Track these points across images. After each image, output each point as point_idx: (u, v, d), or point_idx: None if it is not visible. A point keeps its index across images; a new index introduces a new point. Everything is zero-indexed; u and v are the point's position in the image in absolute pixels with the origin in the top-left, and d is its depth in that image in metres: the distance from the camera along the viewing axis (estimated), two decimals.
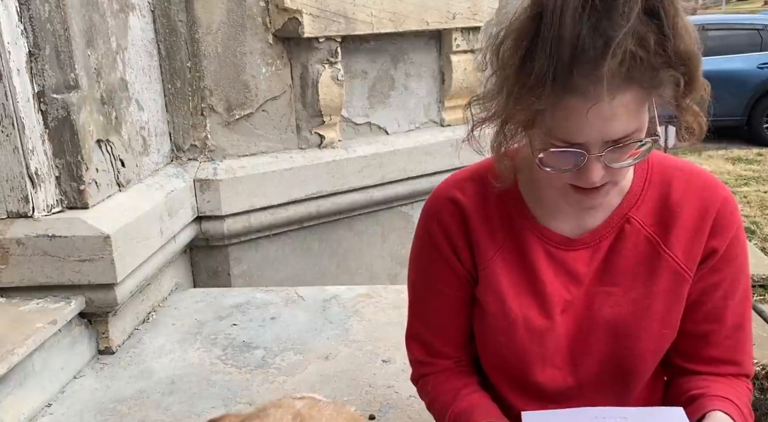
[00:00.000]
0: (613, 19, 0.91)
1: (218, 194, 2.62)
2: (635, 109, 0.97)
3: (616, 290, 1.16)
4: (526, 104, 0.98)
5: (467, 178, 1.23)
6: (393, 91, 3.13)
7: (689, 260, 1.14)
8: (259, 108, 2.73)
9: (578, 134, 0.98)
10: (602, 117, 0.95)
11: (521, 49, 0.98)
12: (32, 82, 1.94)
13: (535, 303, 1.17)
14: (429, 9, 3.01)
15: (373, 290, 2.62)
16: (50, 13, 1.93)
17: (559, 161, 1.03)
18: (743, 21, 10.69)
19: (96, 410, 1.87)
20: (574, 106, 0.95)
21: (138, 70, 2.41)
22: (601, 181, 1.03)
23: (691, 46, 0.96)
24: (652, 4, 0.92)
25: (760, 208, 6.11)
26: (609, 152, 1.00)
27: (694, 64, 0.98)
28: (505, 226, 1.19)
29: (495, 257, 1.19)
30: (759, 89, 9.50)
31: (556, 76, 0.94)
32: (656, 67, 0.94)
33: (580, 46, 0.92)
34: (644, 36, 0.92)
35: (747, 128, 9.72)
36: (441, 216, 1.22)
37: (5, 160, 1.93)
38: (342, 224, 3.03)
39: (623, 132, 0.98)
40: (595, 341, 1.16)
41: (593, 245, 1.17)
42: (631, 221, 1.16)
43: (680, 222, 1.14)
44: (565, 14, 0.92)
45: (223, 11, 2.59)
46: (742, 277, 1.17)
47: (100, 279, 1.99)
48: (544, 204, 1.18)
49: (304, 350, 2.17)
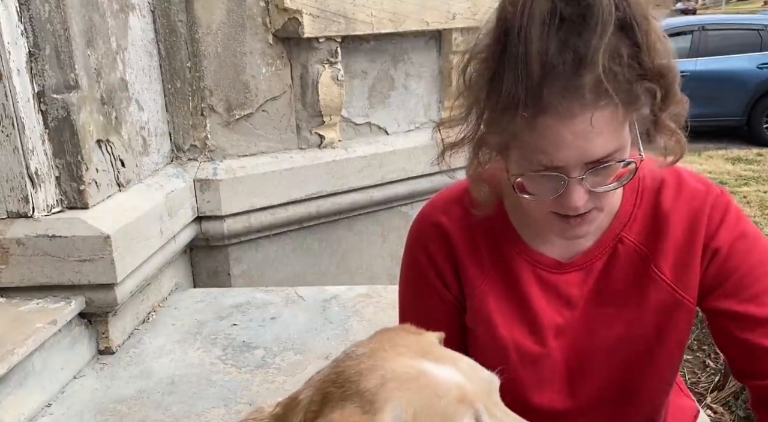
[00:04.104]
0: (583, 34, 0.88)
1: (218, 194, 2.62)
2: (614, 127, 0.93)
3: (612, 311, 1.12)
4: (497, 127, 0.94)
5: (454, 201, 1.19)
6: (393, 91, 3.13)
7: (680, 279, 1.09)
8: (259, 108, 2.73)
9: (556, 156, 0.93)
10: (580, 136, 0.91)
11: (488, 70, 0.94)
12: (32, 82, 1.94)
13: (526, 329, 1.13)
14: (429, 9, 3.01)
15: (373, 290, 2.62)
16: (50, 13, 1.93)
17: (538, 187, 0.99)
18: (743, 21, 10.70)
19: (96, 410, 1.87)
20: (549, 125, 0.91)
21: (138, 70, 2.41)
22: (584, 207, 0.98)
23: (666, 58, 0.93)
24: (624, 18, 0.89)
25: (760, 208, 6.11)
26: (590, 175, 0.95)
27: (670, 77, 0.94)
28: (492, 252, 1.15)
29: (483, 284, 1.15)
30: (759, 89, 9.51)
31: (526, 95, 0.89)
32: (631, 81, 0.90)
33: (549, 62, 0.88)
34: (617, 50, 0.88)
35: (747, 128, 9.73)
36: (426, 242, 1.19)
37: (5, 160, 1.93)
38: (342, 224, 3.03)
39: (603, 151, 0.93)
40: (593, 365, 1.14)
41: (585, 267, 1.13)
42: (624, 241, 1.11)
43: (670, 238, 1.09)
44: (531, 30, 0.88)
45: (223, 11, 2.59)
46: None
47: (100, 279, 1.99)
48: (533, 227, 1.14)
49: (304, 350, 2.17)
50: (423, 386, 0.77)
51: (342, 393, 0.79)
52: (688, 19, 11.44)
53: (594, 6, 0.88)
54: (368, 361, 0.82)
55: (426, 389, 0.77)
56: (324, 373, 0.86)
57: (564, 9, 0.89)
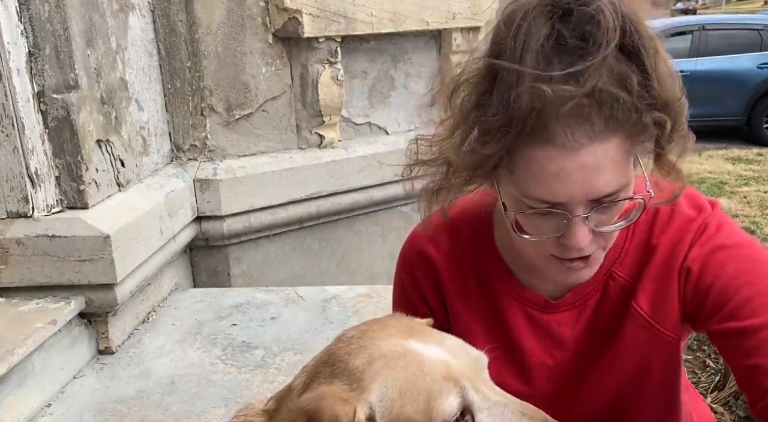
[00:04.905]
0: (584, 56, 0.81)
1: (218, 194, 2.62)
2: (621, 161, 0.85)
3: (602, 351, 1.06)
4: (478, 149, 0.87)
5: (443, 231, 1.13)
6: (393, 91, 3.13)
7: (656, 312, 1.01)
8: (259, 108, 2.73)
9: (557, 191, 0.85)
10: (585, 169, 0.83)
11: (477, 93, 0.89)
12: (32, 82, 1.94)
13: (513, 369, 1.09)
14: (429, 9, 3.01)
15: (373, 290, 2.62)
16: (50, 13, 1.93)
17: (537, 226, 0.91)
18: (743, 21, 10.72)
19: (96, 410, 1.87)
20: (551, 157, 0.83)
21: (138, 70, 2.41)
22: (589, 248, 0.90)
23: (675, 89, 0.87)
24: (632, 44, 0.83)
25: (760, 208, 6.11)
26: (595, 213, 0.88)
27: (678, 110, 0.87)
28: (480, 289, 1.11)
29: (471, 321, 1.11)
30: (759, 89, 9.52)
31: (520, 124, 0.81)
32: (641, 110, 0.83)
33: (550, 89, 0.80)
34: (625, 76, 0.82)
35: (747, 128, 9.74)
36: (412, 269, 1.16)
37: (5, 160, 1.93)
38: (342, 224, 3.03)
39: (609, 187, 0.85)
40: (583, 403, 1.10)
41: (578, 305, 1.06)
42: (614, 277, 1.04)
43: (650, 271, 1.01)
44: (525, 53, 0.82)
45: (222, 11, 2.59)
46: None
47: (100, 279, 1.99)
48: (524, 261, 1.06)
49: (304, 350, 2.17)
50: (409, 363, 0.80)
51: (332, 371, 0.83)
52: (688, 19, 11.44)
53: (599, 29, 0.82)
54: (357, 342, 0.85)
55: (412, 366, 0.79)
56: (317, 358, 0.90)
57: (565, 32, 0.83)
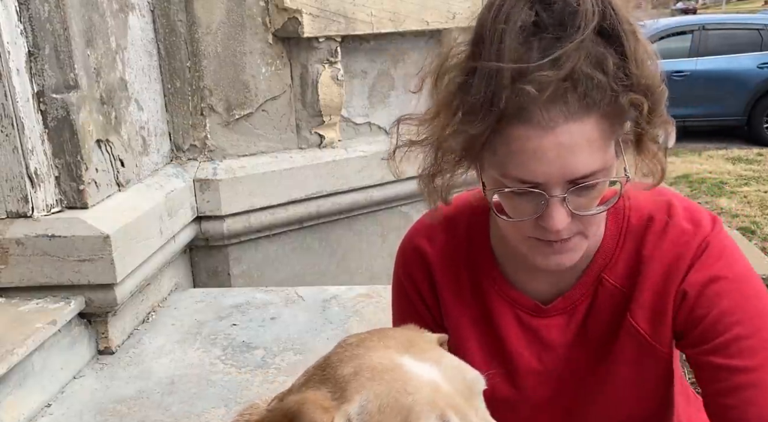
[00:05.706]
0: (562, 39, 0.84)
1: (218, 194, 2.62)
2: (599, 143, 0.87)
3: (592, 357, 1.06)
4: (467, 136, 0.89)
5: (440, 228, 1.15)
6: (393, 90, 3.13)
7: (655, 329, 1.01)
8: (258, 108, 2.73)
9: (536, 170, 0.87)
10: (562, 148, 0.85)
11: (460, 75, 0.91)
12: (32, 81, 1.94)
13: (503, 372, 1.09)
14: (429, 9, 3.01)
15: (373, 290, 2.62)
16: (50, 13, 1.92)
17: (516, 207, 0.93)
18: (743, 21, 10.70)
19: (96, 410, 1.87)
20: (529, 136, 0.85)
21: (137, 69, 2.41)
22: (568, 230, 0.92)
23: (656, 76, 0.89)
24: (612, 27, 0.85)
25: (760, 208, 6.11)
26: (573, 194, 0.89)
27: (658, 93, 0.89)
28: (473, 289, 1.11)
29: (463, 319, 1.12)
30: (759, 89, 9.51)
31: (501, 103, 0.84)
32: (617, 91, 0.85)
33: (528, 69, 0.83)
34: (602, 58, 0.84)
35: (747, 128, 9.73)
36: (408, 265, 1.17)
37: (5, 160, 1.93)
38: (342, 224, 3.03)
39: (587, 168, 0.87)
40: (576, 408, 1.09)
41: (568, 311, 1.06)
42: (604, 283, 1.04)
43: (646, 287, 1.00)
44: (506, 35, 0.85)
45: (222, 11, 2.59)
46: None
47: (99, 279, 1.99)
48: (516, 260, 1.07)
49: (304, 350, 2.17)
50: (395, 379, 0.78)
51: (322, 376, 0.82)
52: (688, 19, 11.43)
53: (578, 13, 0.84)
54: (352, 350, 0.84)
55: (397, 383, 0.78)
56: (317, 361, 0.89)
57: (544, 15, 0.86)
